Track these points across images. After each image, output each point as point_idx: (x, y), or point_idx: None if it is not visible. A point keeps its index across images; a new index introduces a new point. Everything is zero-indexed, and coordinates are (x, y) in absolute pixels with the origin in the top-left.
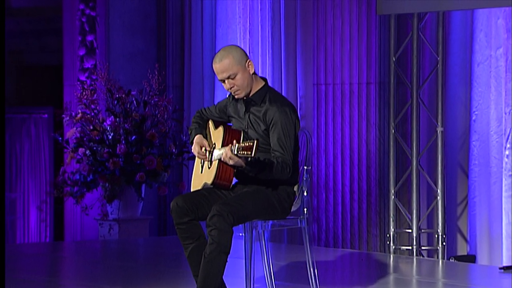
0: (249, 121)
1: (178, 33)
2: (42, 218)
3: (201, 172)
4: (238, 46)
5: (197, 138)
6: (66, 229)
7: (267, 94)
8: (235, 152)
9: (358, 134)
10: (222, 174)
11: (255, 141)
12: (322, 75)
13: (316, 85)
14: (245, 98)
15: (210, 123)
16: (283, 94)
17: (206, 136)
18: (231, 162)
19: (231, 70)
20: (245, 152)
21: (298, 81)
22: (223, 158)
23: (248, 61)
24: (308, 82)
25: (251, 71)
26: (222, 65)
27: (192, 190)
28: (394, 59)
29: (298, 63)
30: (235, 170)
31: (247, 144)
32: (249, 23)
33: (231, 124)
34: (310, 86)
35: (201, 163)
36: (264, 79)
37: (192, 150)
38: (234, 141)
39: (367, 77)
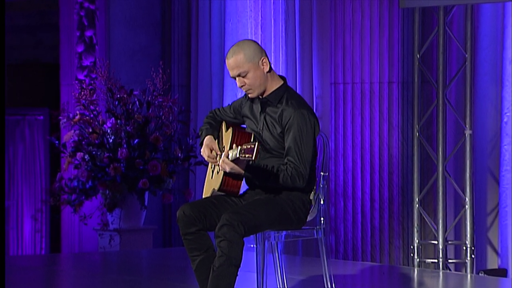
0: (264, 123)
1: (184, 28)
2: (37, 229)
3: (212, 178)
4: (254, 41)
5: (207, 140)
6: (63, 240)
7: (285, 94)
8: (237, 155)
9: (379, 138)
10: (228, 180)
11: (256, 143)
12: (340, 74)
13: (334, 84)
14: (260, 97)
15: (223, 125)
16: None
17: (218, 138)
18: (227, 169)
19: (242, 67)
20: (246, 155)
21: (314, 80)
22: (220, 164)
23: (262, 58)
24: (325, 81)
25: (266, 69)
26: (233, 61)
27: (203, 197)
28: (418, 56)
29: (314, 61)
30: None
31: (248, 146)
32: (261, 17)
33: (245, 126)
34: (327, 85)
35: (211, 168)
36: (283, 78)
37: (201, 153)
38: (234, 145)
39: (389, 75)
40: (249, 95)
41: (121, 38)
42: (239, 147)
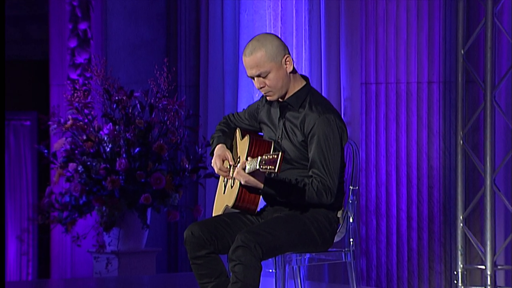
0: (283, 129)
1: (192, 20)
2: (23, 251)
3: (224, 193)
4: (277, 36)
5: (218, 149)
6: (53, 265)
7: (308, 96)
8: (257, 167)
9: (417, 146)
10: (245, 195)
11: (280, 153)
12: (372, 73)
13: (365, 84)
14: (279, 100)
15: (237, 132)
16: (323, 95)
17: (232, 147)
18: (242, 181)
19: (263, 67)
20: (268, 167)
21: (342, 80)
22: (235, 176)
23: (286, 56)
24: (355, 81)
25: (289, 69)
26: (252, 59)
27: (213, 215)
28: (462, 52)
29: (342, 58)
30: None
31: (270, 157)
32: (281, 8)
33: (262, 133)
34: (357, 86)
35: (224, 181)
36: (306, 78)
37: (212, 165)
38: (250, 157)
39: (429, 74)
40: (268, 98)
41: (120, 31)
42: (259, 158)
